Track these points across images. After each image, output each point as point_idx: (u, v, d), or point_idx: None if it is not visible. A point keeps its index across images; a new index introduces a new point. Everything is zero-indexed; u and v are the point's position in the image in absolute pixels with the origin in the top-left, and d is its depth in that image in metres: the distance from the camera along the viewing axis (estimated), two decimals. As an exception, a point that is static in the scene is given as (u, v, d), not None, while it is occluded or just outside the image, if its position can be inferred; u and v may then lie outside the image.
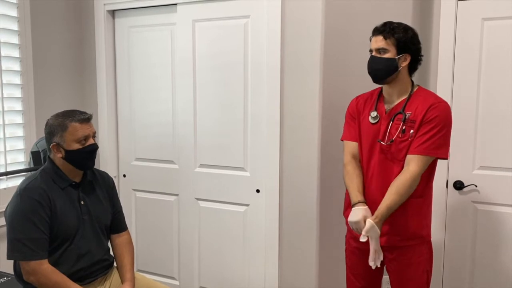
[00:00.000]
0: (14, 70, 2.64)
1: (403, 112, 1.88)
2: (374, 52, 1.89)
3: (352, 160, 2.02)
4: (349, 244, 2.11)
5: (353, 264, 2.10)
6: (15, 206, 1.79)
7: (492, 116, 2.41)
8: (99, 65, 3.02)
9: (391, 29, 1.85)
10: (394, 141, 1.88)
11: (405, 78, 1.92)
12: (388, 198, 1.81)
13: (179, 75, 2.80)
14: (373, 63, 1.89)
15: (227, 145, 2.69)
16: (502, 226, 2.43)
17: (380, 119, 1.94)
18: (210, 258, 2.83)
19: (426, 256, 1.97)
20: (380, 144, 1.92)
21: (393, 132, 1.89)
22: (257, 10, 2.51)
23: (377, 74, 1.90)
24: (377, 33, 1.88)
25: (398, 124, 1.88)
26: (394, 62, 1.85)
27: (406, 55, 1.87)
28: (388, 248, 1.95)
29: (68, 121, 1.84)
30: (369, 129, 1.97)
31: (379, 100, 1.99)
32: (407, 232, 1.91)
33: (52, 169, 1.89)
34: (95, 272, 1.96)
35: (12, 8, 2.62)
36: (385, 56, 1.86)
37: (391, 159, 1.90)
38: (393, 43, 1.84)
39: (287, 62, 2.44)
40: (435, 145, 1.83)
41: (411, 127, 1.85)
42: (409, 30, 1.88)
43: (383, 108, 1.96)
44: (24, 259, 1.77)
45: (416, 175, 1.82)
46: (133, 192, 3.11)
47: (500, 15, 2.35)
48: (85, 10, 3.02)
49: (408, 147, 1.86)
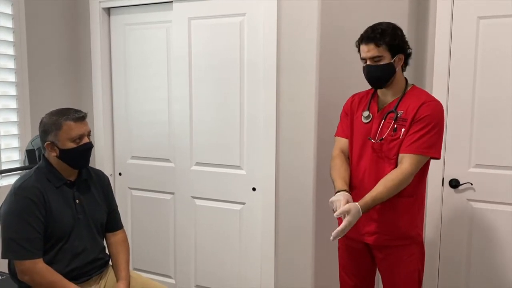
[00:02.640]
0: (8, 68, 2.63)
1: (395, 111, 1.87)
2: (369, 61, 1.85)
3: (340, 154, 2.03)
4: (341, 243, 2.12)
5: (345, 263, 2.10)
6: (9, 205, 1.78)
7: (488, 114, 2.41)
8: (95, 62, 3.01)
9: (382, 35, 1.80)
10: (384, 139, 1.87)
11: (400, 77, 1.91)
12: (374, 190, 1.79)
13: (175, 73, 2.79)
14: (371, 72, 1.86)
15: (223, 144, 2.69)
16: (498, 224, 2.43)
17: (372, 118, 1.94)
18: (206, 256, 2.82)
19: (417, 255, 1.95)
20: (372, 142, 1.91)
21: (384, 130, 1.88)
22: (253, 8, 2.50)
23: (377, 82, 1.88)
24: (368, 41, 1.82)
25: (390, 122, 1.87)
26: (392, 66, 1.84)
27: (399, 56, 1.86)
28: (378, 248, 1.95)
29: (63, 120, 1.83)
30: (361, 128, 1.96)
31: (372, 99, 1.98)
32: (397, 232, 1.90)
33: (46, 167, 1.88)
34: (90, 271, 1.95)
35: (7, 6, 2.61)
36: (381, 63, 1.83)
37: (382, 158, 1.89)
38: (386, 48, 1.81)
39: (283, 60, 2.43)
40: (426, 144, 1.81)
41: (403, 125, 1.84)
42: (397, 30, 1.85)
43: (375, 107, 1.95)
44: (19, 259, 1.76)
45: (407, 173, 1.79)
46: (129, 191, 3.10)
47: (496, 14, 2.35)
48: (80, 7, 3.01)
49: (399, 146, 1.85)
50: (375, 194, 1.78)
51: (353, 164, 2.00)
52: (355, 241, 2.00)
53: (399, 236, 1.91)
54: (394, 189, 1.78)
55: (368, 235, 1.93)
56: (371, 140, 1.91)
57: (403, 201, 1.88)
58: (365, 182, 1.93)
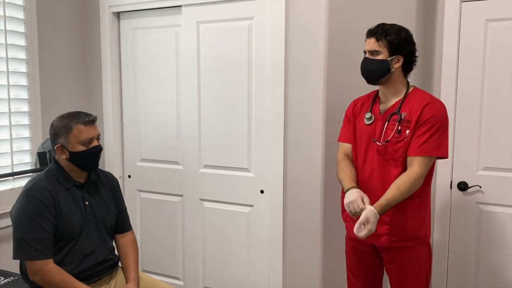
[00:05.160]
0: (20, 71, 2.67)
1: (399, 113, 1.89)
2: (367, 54, 1.92)
3: (345, 157, 2.06)
4: (348, 245, 2.12)
5: (353, 265, 2.11)
6: (20, 206, 1.81)
7: (496, 116, 2.40)
8: (105, 66, 3.05)
9: (384, 31, 1.87)
10: (390, 142, 1.89)
11: (399, 79, 1.93)
12: (388, 193, 1.81)
13: (183, 76, 2.82)
14: (365, 64, 1.92)
15: (231, 146, 2.70)
16: (507, 227, 2.42)
17: (375, 119, 1.96)
18: (215, 258, 2.84)
19: (424, 256, 1.96)
20: (377, 145, 1.92)
21: (389, 132, 1.90)
22: (261, 11, 2.52)
23: (369, 75, 1.93)
24: (370, 35, 1.91)
25: (394, 124, 1.89)
26: (387, 63, 1.87)
27: (398, 57, 1.88)
28: (386, 249, 1.95)
29: (73, 123, 1.86)
30: (364, 130, 1.98)
31: (374, 102, 2.00)
32: (405, 233, 1.91)
33: (57, 169, 1.91)
34: (100, 272, 1.97)
35: (19, 11, 2.65)
36: (377, 58, 1.88)
37: (388, 160, 1.90)
38: (385, 45, 1.86)
39: (291, 63, 2.44)
40: (434, 145, 1.83)
41: (407, 127, 1.86)
42: (402, 32, 1.88)
43: (378, 109, 1.97)
44: (30, 259, 1.79)
45: (419, 175, 1.82)
46: (138, 193, 3.13)
47: (504, 16, 2.35)
48: (90, 12, 3.05)
49: (404, 147, 1.86)
50: (389, 197, 1.80)
51: (359, 167, 2.01)
52: (363, 244, 2.01)
53: (407, 237, 1.91)
54: (407, 191, 1.81)
55: (377, 237, 1.93)
56: (377, 142, 1.92)
57: (411, 203, 1.89)
58: (372, 184, 1.94)
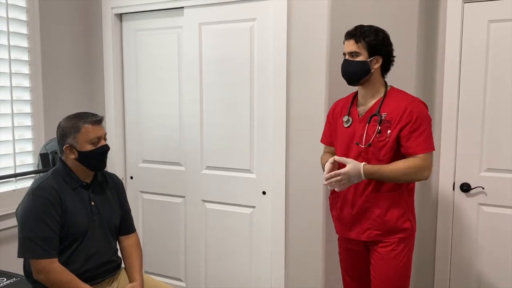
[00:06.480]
0: (23, 73, 2.67)
1: (379, 114, 1.92)
2: (347, 56, 1.95)
3: (328, 152, 2.16)
4: (341, 246, 2.15)
5: (347, 265, 2.14)
6: (26, 205, 1.82)
7: (499, 118, 2.41)
8: (107, 68, 3.05)
9: (362, 33, 1.90)
10: (371, 143, 1.92)
11: (377, 80, 1.97)
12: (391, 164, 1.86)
13: (185, 77, 2.82)
14: (346, 66, 1.95)
15: (233, 147, 2.71)
16: (509, 229, 2.42)
17: (353, 121, 1.99)
18: (217, 259, 2.84)
19: (409, 248, 1.98)
20: (358, 146, 1.95)
21: (370, 134, 1.93)
22: (263, 13, 2.52)
23: (350, 77, 1.96)
24: (349, 37, 1.94)
25: (375, 126, 1.92)
26: (366, 64, 1.91)
27: (377, 57, 1.92)
28: (372, 244, 1.98)
29: (81, 123, 1.87)
30: (344, 132, 2.02)
31: (352, 104, 2.04)
32: (386, 226, 1.93)
33: (64, 170, 1.92)
34: (103, 273, 1.98)
35: (22, 12, 2.65)
36: (357, 59, 1.92)
37: (370, 160, 1.93)
38: (364, 46, 1.90)
39: (293, 64, 2.45)
40: (430, 141, 1.90)
41: (388, 127, 1.89)
42: (379, 33, 1.92)
43: (356, 112, 2.01)
44: (35, 258, 1.79)
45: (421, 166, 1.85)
46: (140, 194, 3.13)
47: (506, 17, 2.35)
48: (93, 13, 3.05)
49: (387, 147, 1.89)
50: (383, 164, 1.86)
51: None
52: (354, 243, 2.05)
53: (389, 230, 1.94)
54: (403, 169, 1.85)
55: (361, 232, 1.98)
56: (359, 145, 1.95)
57: (386, 196, 1.92)
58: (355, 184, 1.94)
